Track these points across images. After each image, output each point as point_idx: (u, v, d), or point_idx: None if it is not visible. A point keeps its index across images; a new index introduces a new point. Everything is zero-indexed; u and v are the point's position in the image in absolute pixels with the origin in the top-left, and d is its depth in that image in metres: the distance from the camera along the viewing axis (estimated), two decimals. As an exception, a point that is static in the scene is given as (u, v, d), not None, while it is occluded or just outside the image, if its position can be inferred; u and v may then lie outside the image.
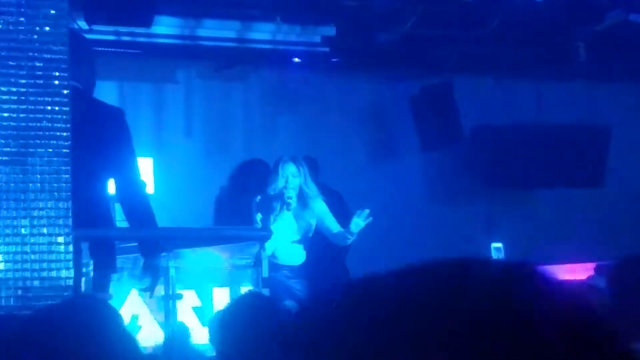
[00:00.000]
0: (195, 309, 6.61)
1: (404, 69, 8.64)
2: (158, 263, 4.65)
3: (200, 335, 6.15)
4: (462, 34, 8.08)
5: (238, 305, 3.23)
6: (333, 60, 8.37)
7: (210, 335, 3.22)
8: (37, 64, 4.19)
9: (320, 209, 6.91)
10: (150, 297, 4.75)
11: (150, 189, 7.28)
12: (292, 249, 6.83)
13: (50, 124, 4.18)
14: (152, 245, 4.68)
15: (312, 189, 6.83)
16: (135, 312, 6.36)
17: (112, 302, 5.07)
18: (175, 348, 4.67)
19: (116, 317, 2.73)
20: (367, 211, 6.42)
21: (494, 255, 6.50)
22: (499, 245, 6.49)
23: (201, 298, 6.66)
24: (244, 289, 6.59)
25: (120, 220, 4.98)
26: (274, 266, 6.67)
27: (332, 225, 6.87)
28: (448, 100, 8.58)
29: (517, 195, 9.15)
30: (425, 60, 8.55)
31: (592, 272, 7.09)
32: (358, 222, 6.49)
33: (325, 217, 6.91)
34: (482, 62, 8.66)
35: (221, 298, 6.63)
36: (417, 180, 8.99)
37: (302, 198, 6.77)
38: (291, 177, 6.76)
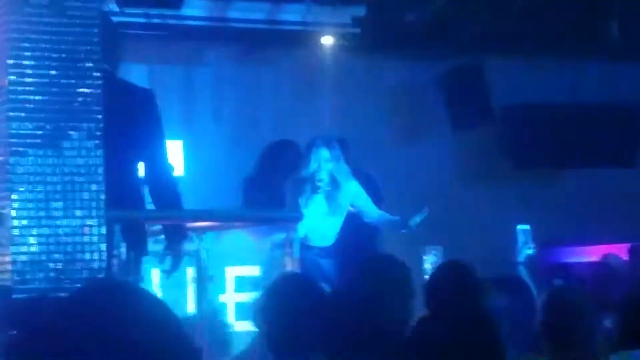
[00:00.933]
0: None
1: (435, 49, 8.58)
2: (180, 246, 4.66)
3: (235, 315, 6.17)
4: (493, 13, 8.02)
5: (279, 285, 3.26)
6: (363, 40, 8.33)
7: (253, 314, 3.26)
8: (69, 47, 4.20)
9: (354, 190, 6.90)
10: (168, 278, 4.76)
11: (179, 171, 7.30)
12: (323, 231, 6.83)
13: (82, 107, 4.19)
14: (177, 228, 4.68)
15: (344, 172, 6.81)
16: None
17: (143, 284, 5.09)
18: (207, 327, 4.70)
19: (152, 300, 2.74)
20: (426, 211, 6.56)
21: (520, 238, 6.43)
22: (527, 227, 6.43)
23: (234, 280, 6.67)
24: (276, 271, 6.60)
25: (150, 202, 4.99)
26: (305, 246, 6.67)
27: (371, 209, 6.87)
28: (479, 80, 8.52)
29: (549, 175, 9.08)
30: (456, 40, 8.49)
31: (606, 252, 7.05)
32: (416, 220, 6.62)
33: (361, 199, 6.89)
34: (514, 40, 8.59)
35: (252, 278, 6.63)
36: (447, 161, 8.95)
37: (335, 180, 6.75)
38: (324, 162, 6.74)
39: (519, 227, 6.45)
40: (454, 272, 4.36)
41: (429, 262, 5.85)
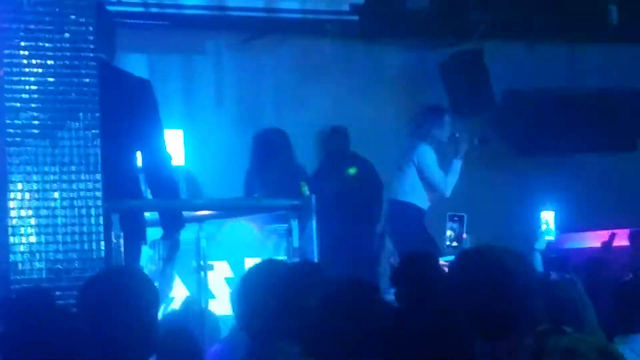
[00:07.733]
0: (228, 280, 6.64)
1: (434, 36, 8.56)
2: (177, 236, 4.64)
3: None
4: (493, -1, 8.00)
5: (253, 273, 3.23)
6: (362, 28, 8.30)
7: (231, 304, 3.24)
8: (65, 36, 4.19)
9: None
10: (166, 269, 4.72)
11: (180, 161, 7.29)
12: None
13: (78, 96, 4.18)
14: (174, 217, 4.67)
15: None
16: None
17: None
18: (191, 315, 4.70)
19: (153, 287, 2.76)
20: None
21: (542, 222, 6.41)
22: (551, 212, 6.43)
23: (233, 269, 6.68)
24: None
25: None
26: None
27: None
28: (479, 66, 8.51)
29: (550, 161, 9.06)
30: (456, 27, 8.47)
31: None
32: None
33: None
34: (514, 26, 8.56)
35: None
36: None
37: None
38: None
39: (542, 212, 6.45)
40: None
41: (450, 228, 5.99)
